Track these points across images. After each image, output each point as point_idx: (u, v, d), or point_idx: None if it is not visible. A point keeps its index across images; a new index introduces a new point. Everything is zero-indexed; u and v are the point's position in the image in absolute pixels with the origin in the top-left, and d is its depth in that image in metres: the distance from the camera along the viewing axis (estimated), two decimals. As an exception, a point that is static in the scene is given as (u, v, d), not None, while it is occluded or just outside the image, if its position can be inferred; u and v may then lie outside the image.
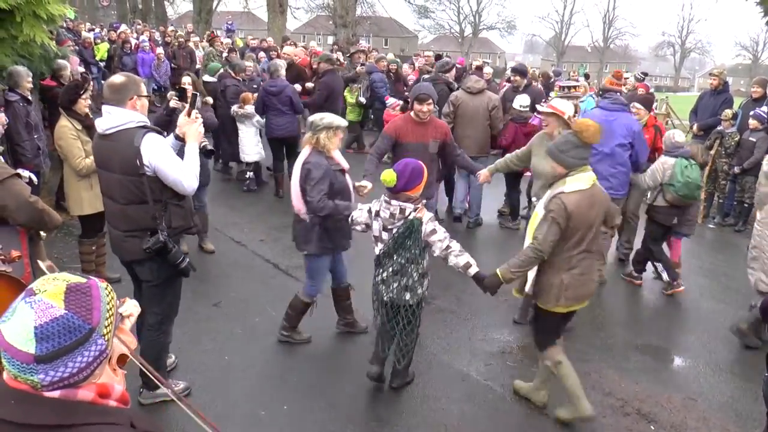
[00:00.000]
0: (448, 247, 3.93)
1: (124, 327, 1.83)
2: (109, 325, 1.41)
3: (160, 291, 3.91)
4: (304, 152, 4.57)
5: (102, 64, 15.62)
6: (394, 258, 3.94)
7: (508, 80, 12.32)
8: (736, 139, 8.75)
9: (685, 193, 5.92)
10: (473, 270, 3.98)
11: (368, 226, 4.12)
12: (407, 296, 4.00)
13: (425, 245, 3.95)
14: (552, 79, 14.23)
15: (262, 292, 5.79)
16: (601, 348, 5.29)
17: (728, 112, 8.94)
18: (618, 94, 6.55)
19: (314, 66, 11.47)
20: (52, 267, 3.16)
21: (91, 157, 5.40)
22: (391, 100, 11.19)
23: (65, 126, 5.33)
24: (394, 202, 3.93)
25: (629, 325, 5.74)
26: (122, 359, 1.76)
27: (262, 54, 15.42)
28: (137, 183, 3.57)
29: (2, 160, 3.96)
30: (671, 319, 5.96)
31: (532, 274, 4.08)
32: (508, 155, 6.11)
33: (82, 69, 10.93)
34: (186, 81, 6.42)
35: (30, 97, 6.44)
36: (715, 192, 9.27)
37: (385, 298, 4.05)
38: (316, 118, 4.55)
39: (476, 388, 4.55)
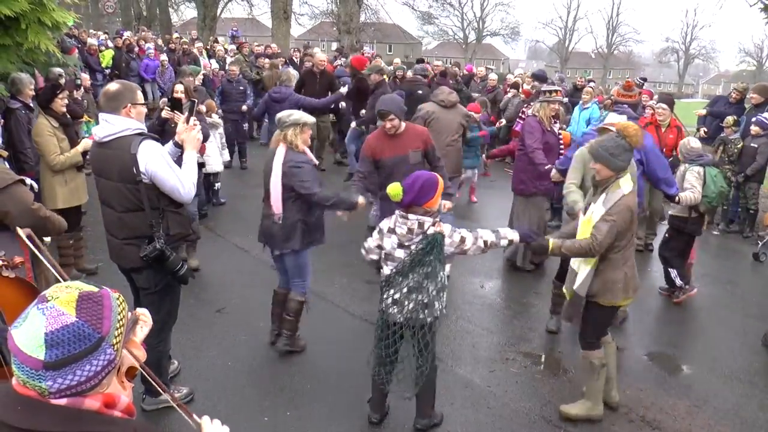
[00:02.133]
0: (484, 242, 3.78)
1: (135, 339, 1.82)
2: (118, 336, 1.41)
3: (159, 299, 3.89)
4: (279, 152, 4.56)
5: (107, 71, 15.68)
6: (410, 276, 3.65)
7: (513, 86, 12.35)
8: (739, 146, 8.73)
9: (719, 201, 5.89)
10: (516, 236, 3.95)
11: (380, 248, 3.84)
12: (424, 314, 3.68)
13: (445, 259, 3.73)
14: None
15: (265, 298, 5.75)
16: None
17: (729, 119, 8.92)
18: (625, 106, 6.39)
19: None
20: (31, 235, 3.16)
21: (66, 154, 5.71)
22: None
23: (43, 123, 5.68)
24: (411, 216, 3.66)
25: (633, 332, 5.72)
26: (131, 372, 1.76)
27: (266, 60, 15.48)
28: (134, 190, 3.57)
29: (7, 166, 3.98)
30: (676, 326, 5.94)
31: (582, 277, 4.07)
32: (573, 187, 5.14)
33: (86, 76, 10.93)
34: (179, 89, 6.38)
35: (32, 105, 6.48)
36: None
37: (399, 319, 3.72)
38: (284, 115, 4.62)
39: (480, 394, 4.53)
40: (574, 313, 4.17)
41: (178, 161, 3.76)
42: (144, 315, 1.87)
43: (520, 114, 10.22)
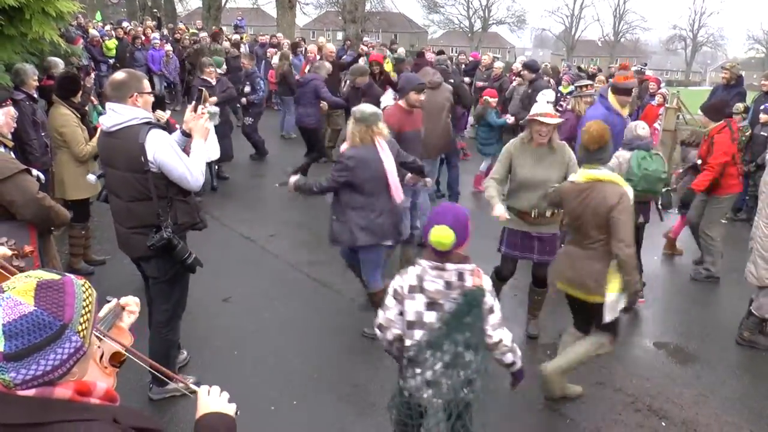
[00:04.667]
0: (500, 340, 2.95)
1: (122, 325, 1.83)
2: (85, 323, 1.38)
3: (168, 287, 3.92)
4: (383, 145, 4.69)
5: (111, 61, 15.66)
6: (443, 347, 2.78)
7: (518, 74, 12.27)
8: (748, 133, 8.65)
9: (645, 187, 5.29)
10: (517, 367, 3.20)
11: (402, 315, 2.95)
12: (464, 392, 2.83)
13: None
14: (561, 74, 14.13)
15: (271, 287, 5.79)
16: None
17: (740, 106, 8.83)
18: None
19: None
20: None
21: (90, 143, 5.70)
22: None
23: (67, 114, 5.63)
24: (449, 266, 2.81)
25: (640, 322, 5.70)
26: (117, 357, 1.76)
27: (270, 50, 15.42)
28: (142, 180, 3.56)
29: (12, 156, 3.98)
30: (682, 315, 5.91)
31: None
32: (492, 184, 4.89)
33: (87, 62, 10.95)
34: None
35: (36, 96, 6.47)
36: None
37: (435, 402, 2.86)
38: (365, 109, 4.71)
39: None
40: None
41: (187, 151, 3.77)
42: (131, 304, 1.87)
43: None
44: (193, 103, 3.90)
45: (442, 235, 2.76)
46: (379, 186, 4.68)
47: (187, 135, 3.85)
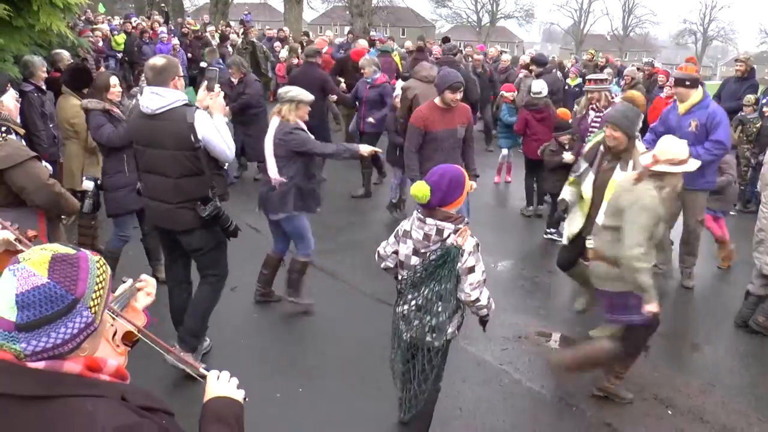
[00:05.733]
0: (476, 299, 3.21)
1: (136, 305, 1.84)
2: (97, 298, 1.38)
3: (215, 255, 4.22)
4: (273, 123, 4.90)
5: (119, 55, 15.71)
6: (421, 290, 3.21)
7: (525, 67, 12.23)
8: (758, 125, 8.60)
9: None
10: (488, 318, 3.47)
11: (396, 254, 3.39)
12: (431, 337, 3.27)
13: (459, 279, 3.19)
14: (567, 68, 14.08)
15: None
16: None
17: (751, 98, 8.77)
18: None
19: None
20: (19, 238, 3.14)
21: None
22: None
23: (78, 105, 5.51)
24: (429, 220, 3.16)
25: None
26: (129, 337, 1.77)
27: (277, 44, 15.44)
28: (191, 157, 3.85)
29: (23, 143, 4.01)
30: (690, 305, 5.89)
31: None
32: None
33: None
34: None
35: (44, 87, 6.51)
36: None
37: (404, 336, 3.36)
38: (282, 90, 4.97)
39: (492, 372, 4.54)
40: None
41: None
42: (148, 285, 1.88)
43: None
44: (205, 83, 4.09)
45: (417, 188, 3.15)
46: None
47: None
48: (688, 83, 5.66)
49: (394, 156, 7.54)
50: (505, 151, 9.37)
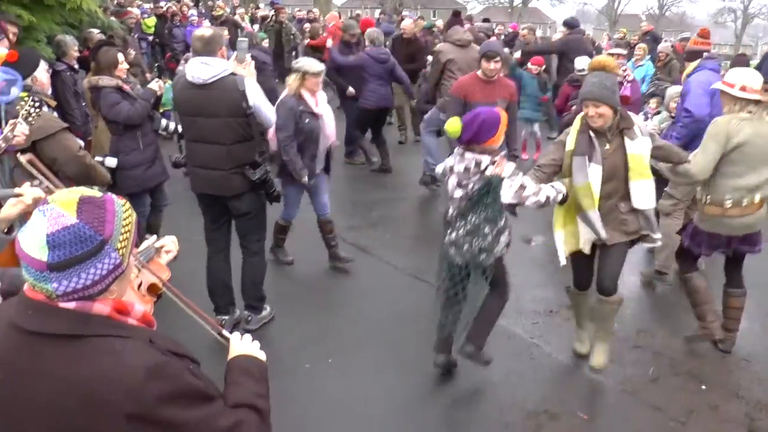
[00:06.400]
0: (546, 197, 3.60)
1: (159, 260, 1.86)
2: (124, 241, 1.40)
3: (258, 219, 4.41)
4: (282, 94, 5.08)
5: (150, 38, 15.84)
6: (468, 218, 3.57)
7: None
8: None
9: None
10: (556, 197, 3.70)
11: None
12: (482, 258, 3.60)
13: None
14: (596, 43, 13.79)
15: (308, 251, 5.82)
16: (652, 309, 5.22)
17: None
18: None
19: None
20: (32, 160, 3.23)
21: None
22: None
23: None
24: (468, 154, 3.56)
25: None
26: (154, 289, 1.79)
27: (307, 25, 15.41)
28: (244, 124, 4.04)
29: (55, 115, 4.07)
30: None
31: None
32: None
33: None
34: None
35: (76, 66, 6.59)
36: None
37: (458, 261, 3.67)
38: (294, 61, 5.17)
39: (522, 346, 4.51)
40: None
41: None
42: (168, 244, 1.90)
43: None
44: (235, 54, 4.21)
45: (450, 125, 3.54)
46: None
47: None
48: (685, 56, 5.58)
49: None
50: (534, 127, 9.24)
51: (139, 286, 1.74)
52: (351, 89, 8.25)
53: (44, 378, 1.33)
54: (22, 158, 3.27)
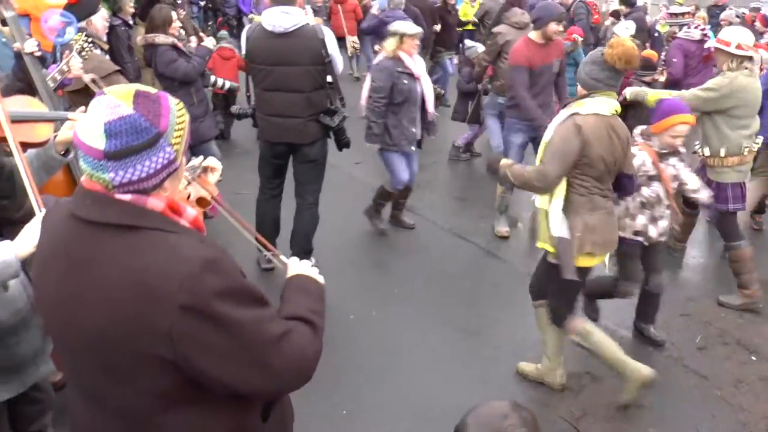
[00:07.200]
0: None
1: (207, 179, 1.87)
2: (178, 138, 1.40)
3: (321, 168, 4.54)
4: (378, 57, 5.12)
5: (203, 3, 15.92)
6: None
7: (613, 15, 11.68)
8: None
9: None
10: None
11: None
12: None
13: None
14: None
15: (354, 210, 5.85)
16: (703, 279, 5.14)
17: None
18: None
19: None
20: (96, 79, 3.32)
21: None
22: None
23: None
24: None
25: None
26: (203, 203, 1.81)
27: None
28: (322, 71, 4.16)
29: (107, 58, 4.16)
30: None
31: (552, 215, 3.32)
32: None
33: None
34: None
35: (131, 22, 6.71)
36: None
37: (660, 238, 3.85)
38: (391, 24, 5.12)
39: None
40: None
41: None
42: (217, 163, 1.92)
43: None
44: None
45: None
46: None
47: None
48: None
49: (465, 111, 7.46)
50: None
51: (188, 197, 1.76)
52: None
53: (102, 266, 1.36)
54: (86, 77, 3.36)
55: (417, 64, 5.00)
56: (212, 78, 6.74)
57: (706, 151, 4.47)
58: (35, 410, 2.59)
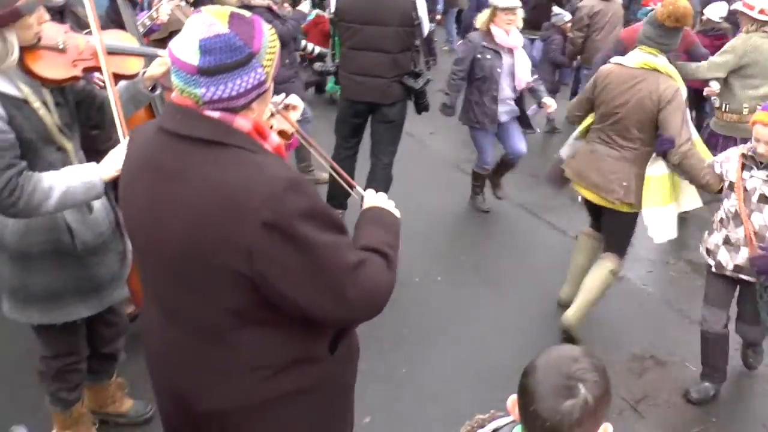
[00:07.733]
0: None
1: (288, 115, 1.93)
2: (269, 61, 1.42)
3: (399, 129, 4.62)
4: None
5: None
6: None
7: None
8: None
9: None
10: None
11: None
12: None
13: None
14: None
15: (427, 179, 5.92)
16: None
17: None
18: None
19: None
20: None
21: None
22: None
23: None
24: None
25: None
26: (284, 136, 1.87)
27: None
28: (410, 33, 4.27)
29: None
30: None
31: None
32: None
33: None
34: None
35: None
36: None
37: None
38: None
39: (633, 290, 4.46)
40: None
41: None
42: (299, 101, 1.97)
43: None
44: None
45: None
46: None
47: None
48: None
49: (552, 81, 7.38)
50: None
51: (271, 127, 1.80)
52: None
53: (188, 179, 1.39)
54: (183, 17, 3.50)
55: (512, 39, 4.77)
56: (303, 42, 6.85)
57: (716, 102, 4.89)
58: (110, 332, 2.74)
